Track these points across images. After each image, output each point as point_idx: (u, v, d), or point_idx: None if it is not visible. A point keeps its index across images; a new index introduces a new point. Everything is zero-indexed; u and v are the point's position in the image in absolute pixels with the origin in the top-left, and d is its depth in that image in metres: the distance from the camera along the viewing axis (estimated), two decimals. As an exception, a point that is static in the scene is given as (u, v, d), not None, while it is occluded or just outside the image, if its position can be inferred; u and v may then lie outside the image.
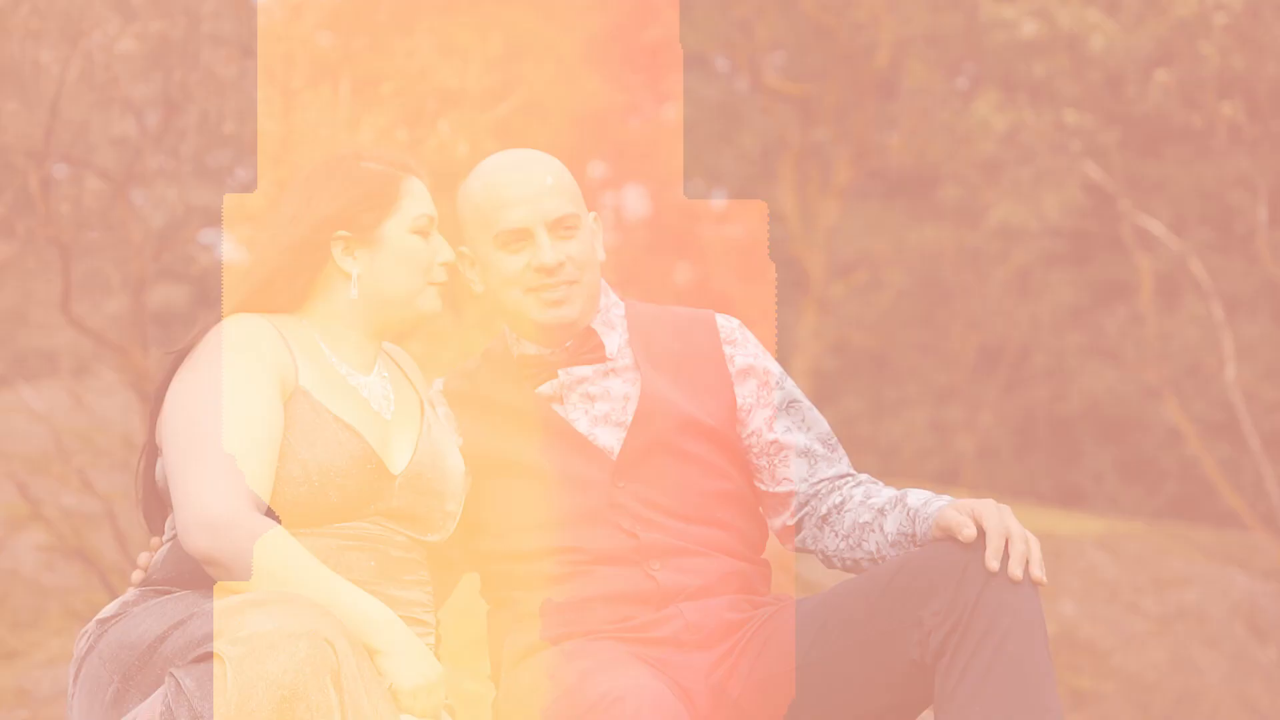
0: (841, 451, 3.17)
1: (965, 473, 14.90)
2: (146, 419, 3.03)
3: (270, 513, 2.86)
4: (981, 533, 2.75)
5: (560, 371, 3.08)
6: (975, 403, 15.28)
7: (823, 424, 3.17)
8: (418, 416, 3.08)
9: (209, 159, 10.30)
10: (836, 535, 3.05)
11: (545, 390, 3.09)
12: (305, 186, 3.06)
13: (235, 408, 2.82)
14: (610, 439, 3.04)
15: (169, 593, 2.86)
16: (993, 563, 2.69)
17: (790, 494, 3.11)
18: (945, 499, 2.91)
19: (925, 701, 2.81)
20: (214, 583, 2.76)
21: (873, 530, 2.98)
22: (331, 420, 2.90)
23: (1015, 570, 2.69)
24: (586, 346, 3.09)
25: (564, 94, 14.90)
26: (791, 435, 3.12)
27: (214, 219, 6.81)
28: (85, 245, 7.99)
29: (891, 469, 14.99)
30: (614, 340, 3.12)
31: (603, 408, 3.07)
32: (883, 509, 2.99)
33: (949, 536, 2.79)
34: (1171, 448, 13.86)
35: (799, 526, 3.12)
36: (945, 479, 15.06)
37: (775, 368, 3.18)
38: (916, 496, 2.95)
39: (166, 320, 11.48)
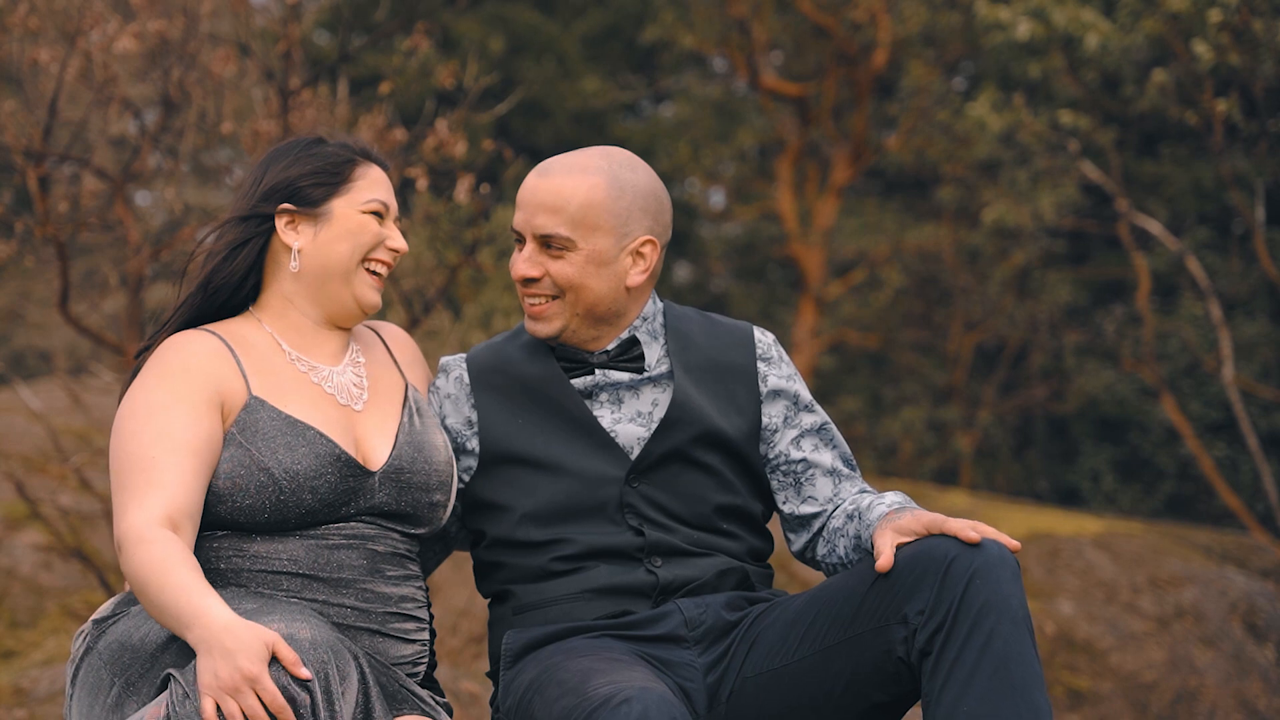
0: (859, 471, 3.22)
1: (963, 472, 14.90)
2: None
3: (236, 523, 2.82)
4: (953, 534, 2.78)
5: (598, 371, 3.09)
6: (973, 402, 15.28)
7: (844, 445, 3.22)
8: (399, 403, 3.03)
9: (207, 158, 10.31)
10: (825, 542, 3.11)
11: (578, 383, 3.09)
12: (261, 163, 3.01)
13: (155, 426, 2.77)
14: (630, 439, 3.06)
15: None
16: (970, 533, 2.73)
17: (816, 514, 3.15)
18: (892, 500, 2.98)
19: (913, 698, 2.82)
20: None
21: (843, 535, 3.05)
22: (291, 424, 2.84)
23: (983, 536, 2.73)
24: (628, 355, 3.11)
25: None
26: (819, 454, 3.16)
27: (212, 218, 6.81)
28: (83, 244, 8.00)
29: (889, 468, 14.98)
30: (655, 351, 3.14)
31: (630, 409, 3.09)
32: (850, 515, 3.06)
33: (916, 536, 2.81)
34: (1169, 447, 13.86)
35: (815, 541, 3.16)
36: (943, 478, 15.05)
37: (805, 393, 3.21)
38: (877, 508, 2.99)
39: (164, 320, 11.45)
